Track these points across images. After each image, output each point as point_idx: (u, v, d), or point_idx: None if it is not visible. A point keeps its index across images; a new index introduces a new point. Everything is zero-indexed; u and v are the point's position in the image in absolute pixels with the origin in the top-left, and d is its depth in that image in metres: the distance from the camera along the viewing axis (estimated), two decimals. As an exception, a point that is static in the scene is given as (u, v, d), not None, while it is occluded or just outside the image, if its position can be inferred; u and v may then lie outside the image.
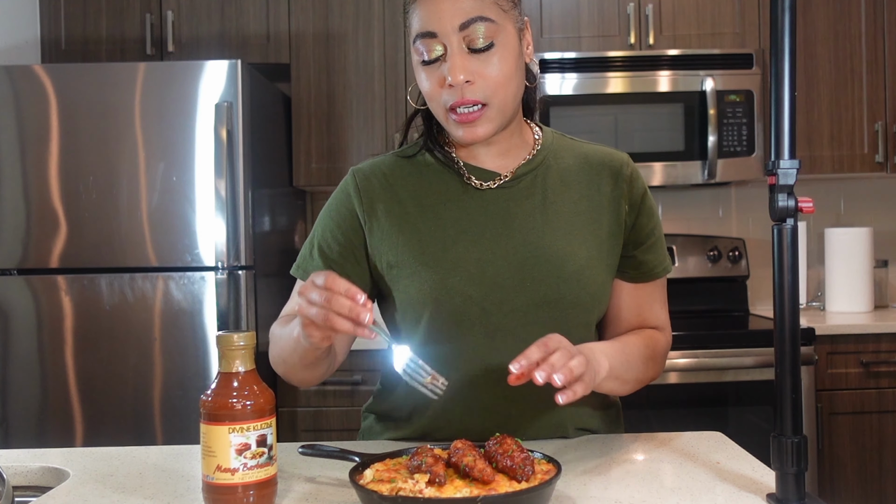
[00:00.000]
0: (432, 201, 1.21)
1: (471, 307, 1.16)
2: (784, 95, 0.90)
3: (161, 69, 2.49)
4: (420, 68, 1.14)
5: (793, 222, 0.90)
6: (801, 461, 0.90)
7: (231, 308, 2.45)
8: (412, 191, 1.22)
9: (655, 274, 1.25)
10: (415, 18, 1.13)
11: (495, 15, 1.10)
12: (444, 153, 1.23)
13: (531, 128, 1.27)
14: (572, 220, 1.20)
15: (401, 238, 1.19)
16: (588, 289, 1.18)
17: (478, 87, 1.10)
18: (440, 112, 1.15)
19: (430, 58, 1.12)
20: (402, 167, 1.25)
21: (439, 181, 1.22)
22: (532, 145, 1.25)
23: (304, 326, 0.97)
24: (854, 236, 2.94)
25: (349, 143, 2.96)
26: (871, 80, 2.93)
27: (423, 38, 1.11)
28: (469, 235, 1.18)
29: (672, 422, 2.49)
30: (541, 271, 1.16)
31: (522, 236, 1.18)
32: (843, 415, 2.62)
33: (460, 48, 1.10)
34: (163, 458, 1.18)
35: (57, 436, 2.46)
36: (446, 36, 1.09)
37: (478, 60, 1.10)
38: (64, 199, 2.47)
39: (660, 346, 1.25)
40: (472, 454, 0.91)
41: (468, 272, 1.16)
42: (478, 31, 1.09)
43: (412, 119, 1.28)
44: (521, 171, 1.21)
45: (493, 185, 1.20)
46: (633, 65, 2.85)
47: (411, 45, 1.14)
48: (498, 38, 1.11)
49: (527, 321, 1.17)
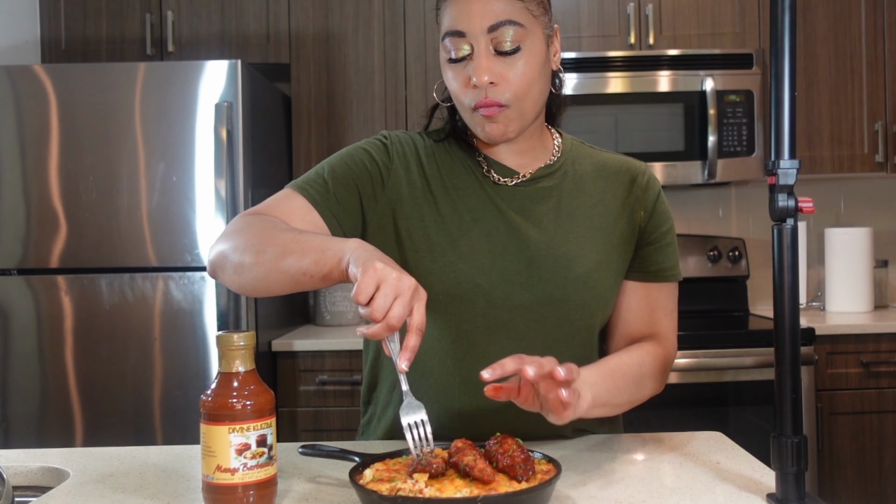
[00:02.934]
0: (453, 185, 1.22)
1: (477, 297, 1.16)
2: (784, 95, 0.90)
3: (161, 69, 2.49)
4: (447, 66, 1.16)
5: (793, 222, 0.90)
6: (801, 461, 0.90)
7: (231, 308, 2.45)
8: (436, 170, 1.23)
9: (664, 276, 1.25)
10: (445, 16, 1.14)
11: (525, 19, 1.11)
12: (468, 142, 1.25)
13: (552, 134, 1.28)
14: (585, 224, 1.21)
15: (423, 209, 1.20)
16: (594, 292, 1.19)
17: (500, 89, 1.11)
18: (465, 111, 1.16)
19: (457, 56, 1.13)
20: (430, 146, 1.26)
21: (462, 168, 1.23)
22: (552, 151, 1.26)
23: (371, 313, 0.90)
24: (854, 236, 2.94)
25: (349, 143, 2.92)
26: (871, 80, 2.93)
27: (451, 36, 1.13)
28: (483, 226, 1.19)
29: (672, 422, 2.49)
30: (549, 271, 1.17)
31: (534, 235, 1.19)
32: (843, 415, 2.62)
33: (487, 50, 1.11)
34: (163, 458, 1.18)
35: (57, 436, 2.46)
36: (474, 36, 1.11)
37: (503, 63, 1.11)
38: (64, 199, 2.47)
39: (658, 360, 1.21)
40: (472, 454, 0.91)
41: (479, 262, 1.17)
42: (506, 35, 1.10)
43: (433, 112, 1.29)
44: (539, 174, 1.22)
45: (511, 182, 1.21)
46: (633, 65, 2.85)
47: (440, 41, 1.16)
48: (525, 42, 1.12)
49: (530, 319, 1.17)
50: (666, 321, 1.26)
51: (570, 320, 1.18)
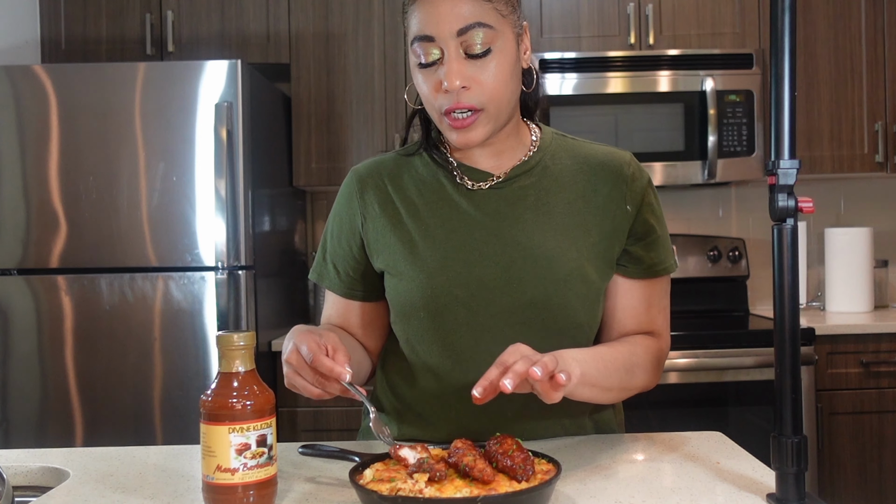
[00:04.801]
0: (424, 201, 1.21)
1: (457, 308, 1.16)
2: (784, 95, 0.90)
3: (161, 69, 2.49)
4: (417, 70, 1.14)
5: (793, 222, 0.90)
6: (801, 461, 0.90)
7: (231, 308, 2.45)
8: (406, 191, 1.22)
9: (655, 271, 1.22)
10: (413, 20, 1.12)
11: (494, 21, 1.10)
12: (440, 153, 1.23)
13: (529, 128, 1.26)
14: (565, 222, 1.18)
15: (392, 238, 1.20)
16: (577, 291, 1.16)
17: (473, 92, 1.10)
18: (436, 115, 1.15)
19: (426, 61, 1.11)
20: (399, 166, 1.25)
21: (433, 181, 1.22)
22: (529, 146, 1.24)
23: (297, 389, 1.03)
24: (854, 236, 2.94)
25: (349, 143, 2.96)
26: (871, 80, 2.93)
27: (420, 41, 1.11)
28: (457, 235, 1.18)
29: (672, 422, 2.50)
30: (528, 272, 1.15)
31: (512, 237, 1.17)
32: (843, 415, 2.62)
33: (457, 53, 1.09)
34: (163, 458, 1.18)
35: (57, 436, 2.46)
36: (444, 40, 1.09)
37: (474, 66, 1.10)
38: (64, 199, 2.47)
39: (651, 352, 1.20)
40: (472, 454, 0.92)
41: (455, 272, 1.16)
42: (476, 38, 1.08)
43: (412, 119, 1.28)
44: (514, 172, 1.21)
45: (485, 186, 1.20)
46: (633, 65, 2.85)
47: (409, 46, 1.14)
48: (495, 43, 1.10)
49: (513, 322, 1.16)
50: (660, 317, 1.25)
51: (555, 320, 1.17)
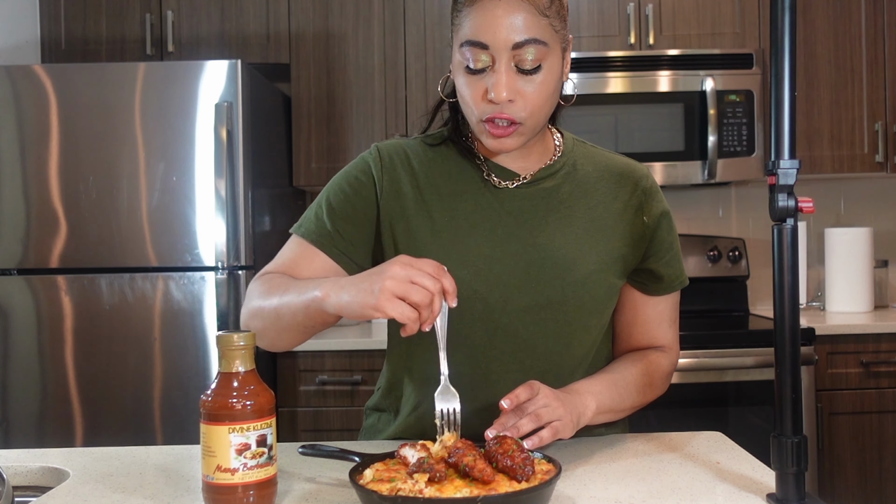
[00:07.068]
0: (450, 191, 1.21)
1: (474, 303, 1.16)
2: (784, 95, 0.90)
3: (161, 69, 2.49)
4: (462, 72, 1.12)
5: (793, 222, 0.90)
6: (801, 461, 0.90)
7: (231, 308, 2.45)
8: (432, 178, 1.22)
9: (672, 287, 1.27)
10: (467, 22, 1.09)
11: (548, 37, 1.09)
12: (468, 147, 1.24)
13: (552, 133, 1.28)
14: (586, 226, 1.20)
15: (414, 222, 1.19)
16: (592, 294, 1.19)
17: (517, 106, 1.09)
18: (474, 118, 1.13)
19: (475, 67, 1.09)
20: (425, 152, 1.24)
21: (459, 173, 1.22)
22: (553, 151, 1.25)
23: (401, 315, 0.97)
24: (854, 236, 2.94)
25: (349, 143, 2.96)
26: (871, 80, 2.93)
27: (472, 45, 1.08)
28: (480, 231, 1.18)
29: (672, 422, 2.49)
30: (547, 273, 1.17)
31: (533, 237, 1.18)
32: (843, 415, 2.62)
33: (509, 66, 1.08)
34: (163, 458, 1.18)
35: (57, 436, 2.46)
36: (497, 51, 1.07)
37: (523, 80, 1.09)
38: (64, 199, 2.47)
39: (661, 370, 1.26)
40: (472, 454, 0.91)
41: (476, 267, 1.17)
42: (529, 53, 1.07)
43: (438, 108, 1.27)
44: (541, 175, 1.22)
45: (512, 185, 1.21)
46: (633, 65, 2.85)
47: (457, 45, 1.11)
48: (546, 60, 1.09)
49: (529, 321, 1.17)
50: (671, 331, 1.30)
51: (568, 322, 1.19)
